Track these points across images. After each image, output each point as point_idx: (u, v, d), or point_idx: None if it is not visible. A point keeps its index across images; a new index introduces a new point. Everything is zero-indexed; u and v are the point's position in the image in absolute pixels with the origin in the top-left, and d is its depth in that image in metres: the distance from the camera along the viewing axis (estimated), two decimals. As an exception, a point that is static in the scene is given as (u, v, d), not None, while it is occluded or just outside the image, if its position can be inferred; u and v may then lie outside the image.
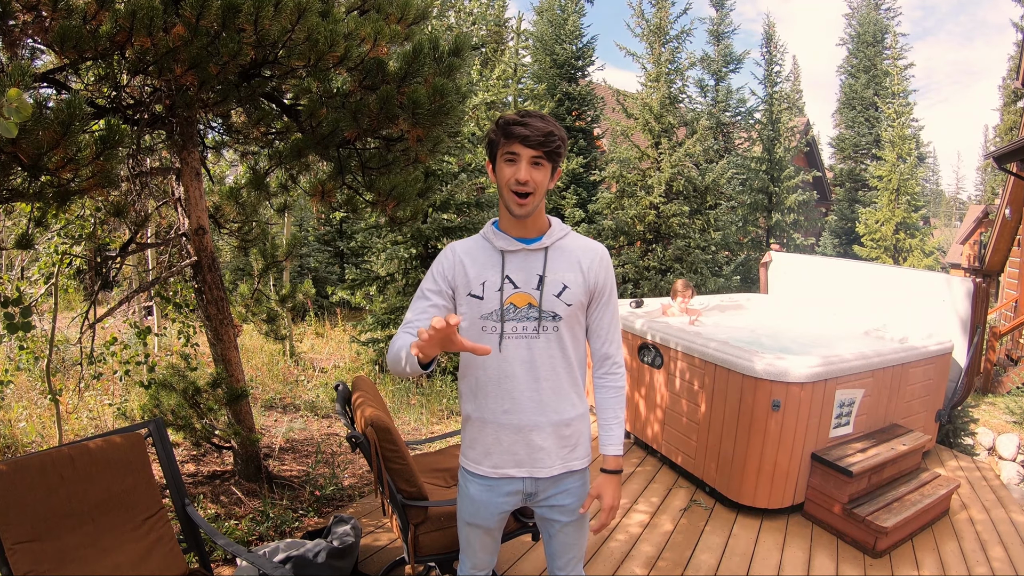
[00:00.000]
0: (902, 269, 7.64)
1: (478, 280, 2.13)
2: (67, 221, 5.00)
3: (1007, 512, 5.10)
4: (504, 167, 2.03)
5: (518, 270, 2.14)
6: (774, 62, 17.99)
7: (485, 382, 2.18)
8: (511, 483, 2.24)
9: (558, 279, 2.14)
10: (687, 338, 5.32)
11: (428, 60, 3.72)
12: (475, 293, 2.13)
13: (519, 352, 2.13)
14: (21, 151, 2.40)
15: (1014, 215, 15.30)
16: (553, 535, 2.36)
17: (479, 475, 2.25)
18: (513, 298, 2.12)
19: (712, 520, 4.73)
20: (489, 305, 2.12)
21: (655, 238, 12.54)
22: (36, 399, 6.42)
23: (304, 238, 15.85)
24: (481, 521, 2.31)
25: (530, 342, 2.13)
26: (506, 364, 2.14)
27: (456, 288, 2.17)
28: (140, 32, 2.74)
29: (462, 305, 2.16)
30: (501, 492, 2.25)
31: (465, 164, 9.55)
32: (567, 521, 2.31)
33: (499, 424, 2.18)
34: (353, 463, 5.63)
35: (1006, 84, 29.64)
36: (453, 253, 2.20)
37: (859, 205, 24.31)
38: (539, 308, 2.12)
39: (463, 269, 2.16)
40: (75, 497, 2.67)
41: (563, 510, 2.29)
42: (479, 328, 2.14)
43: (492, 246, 2.17)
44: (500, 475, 2.22)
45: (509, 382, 2.14)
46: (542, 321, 2.12)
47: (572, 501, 2.30)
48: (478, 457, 2.25)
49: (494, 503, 2.26)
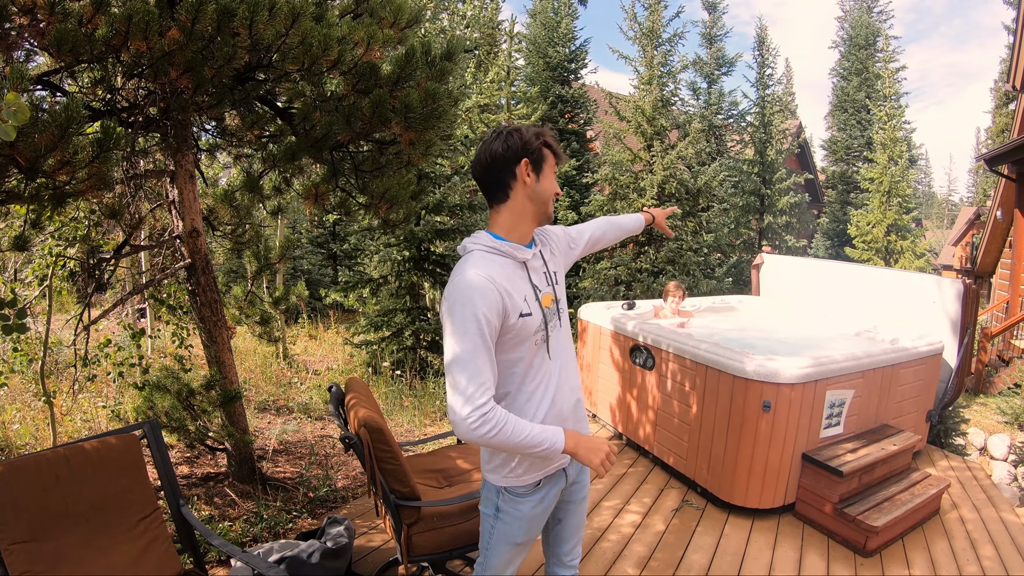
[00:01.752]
0: (893, 271, 7.67)
1: (521, 298, 2.08)
2: (62, 223, 5.01)
3: (998, 511, 5.14)
4: (551, 178, 2.17)
5: (536, 274, 2.19)
6: (766, 65, 18.02)
7: (530, 390, 2.15)
8: (559, 479, 2.28)
9: (553, 269, 2.28)
10: (679, 340, 5.35)
11: (421, 64, 3.74)
12: (525, 312, 2.07)
13: (555, 347, 2.20)
14: (18, 153, 2.42)
15: (1005, 217, 15.40)
16: (563, 519, 2.41)
17: (531, 484, 2.20)
18: (543, 301, 2.17)
19: (704, 520, 4.76)
20: (536, 319, 2.10)
21: (647, 240, 12.55)
22: (30, 401, 6.41)
23: (297, 240, 15.82)
24: (533, 535, 2.32)
25: (558, 334, 2.22)
26: (548, 363, 2.18)
27: (506, 317, 2.03)
28: (136, 36, 2.76)
29: (510, 331, 2.05)
30: (553, 498, 2.28)
31: (458, 167, 9.57)
32: (582, 498, 2.41)
33: (544, 423, 2.13)
34: (346, 464, 5.64)
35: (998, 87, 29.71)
36: (493, 283, 1.99)
37: (851, 207, 24.37)
38: (556, 300, 2.22)
39: (509, 295, 2.03)
40: (70, 498, 2.69)
41: (582, 487, 2.40)
42: (531, 342, 2.10)
43: (515, 260, 2.13)
44: (554, 471, 2.24)
45: (551, 379, 2.19)
46: (559, 313, 2.24)
47: (585, 477, 2.43)
48: (528, 468, 2.18)
49: (547, 512, 2.30)
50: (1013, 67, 13.40)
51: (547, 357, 2.16)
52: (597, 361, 6.56)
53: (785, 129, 19.28)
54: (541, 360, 2.14)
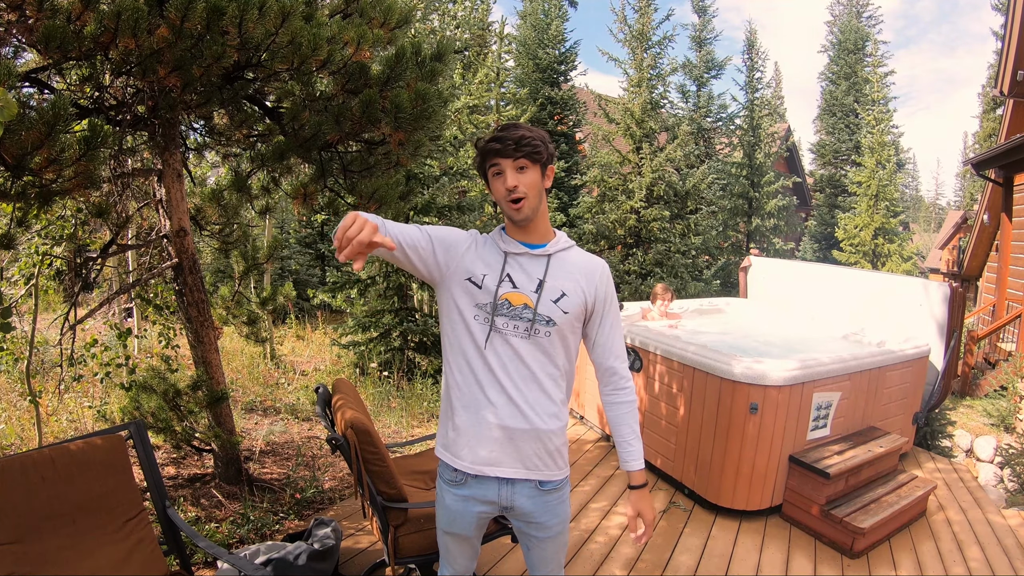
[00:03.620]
0: (880, 274, 7.71)
1: (480, 270, 2.16)
2: (48, 222, 4.97)
3: (984, 513, 5.17)
4: (494, 182, 2.11)
5: (519, 272, 2.17)
6: (756, 68, 18.10)
7: (468, 375, 2.17)
8: (487, 490, 2.21)
9: (557, 286, 2.17)
10: (666, 342, 5.36)
11: (411, 64, 3.74)
12: (474, 280, 2.15)
13: (506, 349, 2.14)
14: (5, 151, 2.40)
15: (992, 221, 15.51)
16: (531, 548, 2.35)
17: (455, 471, 2.23)
18: (509, 295, 2.14)
19: (691, 522, 4.76)
20: (484, 296, 2.14)
21: (635, 242, 12.58)
22: (16, 401, 6.37)
23: (285, 240, 15.79)
24: (458, 530, 2.30)
25: (520, 341, 2.14)
26: (492, 358, 2.14)
27: (456, 264, 2.18)
28: (125, 33, 2.74)
29: (455, 288, 2.17)
30: (477, 501, 2.23)
31: (447, 167, 9.56)
32: (544, 537, 2.30)
33: (479, 420, 2.16)
34: (333, 466, 5.63)
35: (986, 92, 29.99)
36: (473, 236, 2.24)
37: (839, 210, 24.50)
38: (534, 310, 2.13)
39: (473, 253, 2.20)
40: (56, 499, 2.67)
41: (541, 527, 2.28)
42: (471, 316, 2.15)
43: (498, 247, 2.21)
44: (474, 471, 2.19)
45: (493, 378, 2.14)
46: (535, 324, 2.13)
47: (549, 520, 2.28)
48: (456, 451, 2.22)
49: (470, 512, 2.25)
50: (1001, 72, 13.49)
51: (484, 346, 2.15)
52: (584, 363, 6.57)
53: (774, 132, 19.34)
54: (480, 346, 2.15)
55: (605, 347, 2.30)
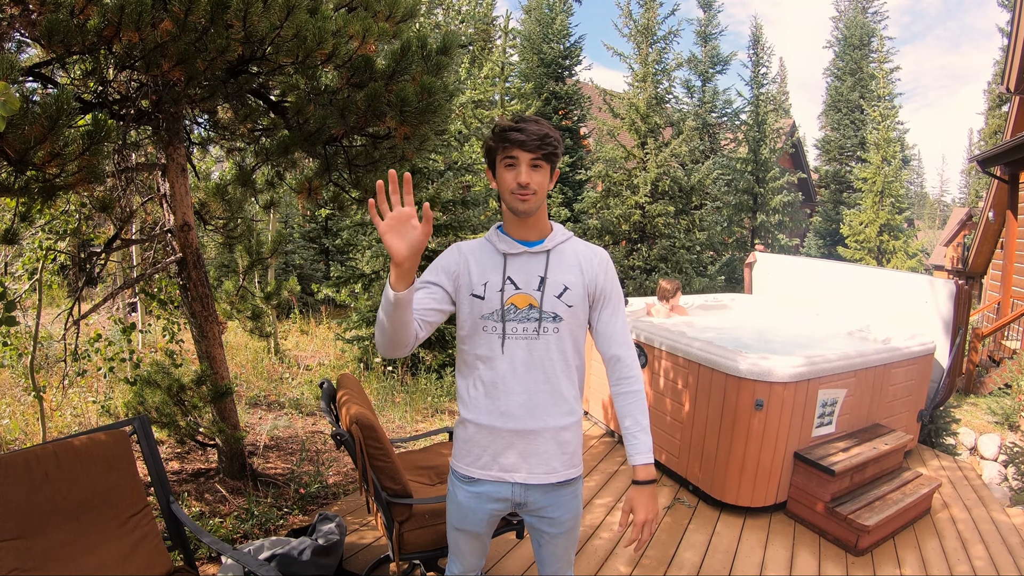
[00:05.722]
0: (885, 270, 7.69)
1: (480, 281, 2.15)
2: (52, 216, 4.97)
3: (988, 511, 5.15)
4: (505, 172, 2.07)
5: (520, 272, 2.15)
6: (761, 64, 18.05)
7: (484, 383, 2.17)
8: (500, 488, 2.21)
9: (559, 280, 2.16)
10: (671, 337, 5.35)
11: (416, 58, 3.72)
12: (477, 293, 2.14)
13: (519, 353, 2.13)
14: (8, 145, 2.39)
15: (997, 218, 15.45)
16: (542, 544, 2.35)
17: (469, 477, 2.23)
18: (514, 299, 2.13)
19: (696, 518, 4.75)
20: (490, 305, 2.12)
21: (640, 238, 12.57)
22: (20, 396, 6.38)
23: (289, 235, 15.79)
24: (469, 527, 2.30)
25: (530, 343, 2.13)
26: (506, 365, 2.14)
27: (459, 287, 2.18)
28: (128, 27, 2.73)
29: (463, 304, 2.17)
30: (490, 499, 2.23)
31: (451, 162, 9.54)
32: (556, 533, 2.30)
33: (494, 427, 2.16)
34: (338, 461, 5.62)
35: (991, 88, 29.83)
36: (459, 252, 2.22)
37: (844, 207, 24.50)
38: (540, 309, 2.13)
39: (467, 268, 2.18)
40: (60, 495, 2.66)
41: (553, 522, 2.27)
42: (480, 328, 2.15)
43: (495, 249, 2.19)
44: (491, 478, 2.20)
45: (507, 383, 2.14)
46: (543, 322, 2.13)
47: (562, 515, 2.27)
48: (470, 460, 2.23)
49: (482, 510, 2.25)
50: (1007, 69, 13.44)
51: (500, 352, 2.14)
52: (589, 358, 6.55)
53: (779, 128, 19.32)
54: (495, 354, 2.15)
55: (606, 335, 2.28)
